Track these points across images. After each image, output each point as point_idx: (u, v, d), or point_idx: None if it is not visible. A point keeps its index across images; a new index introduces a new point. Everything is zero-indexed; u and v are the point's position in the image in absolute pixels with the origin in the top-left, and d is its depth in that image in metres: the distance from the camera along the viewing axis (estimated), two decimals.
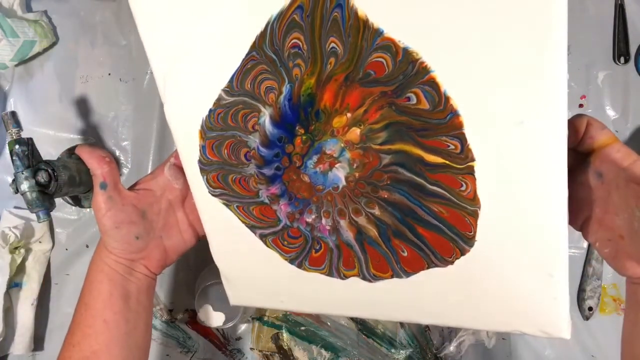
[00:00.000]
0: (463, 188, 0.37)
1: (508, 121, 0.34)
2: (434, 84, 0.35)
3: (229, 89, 0.40)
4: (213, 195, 0.45)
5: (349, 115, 0.38)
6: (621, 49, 0.64)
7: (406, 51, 0.34)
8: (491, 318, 0.41)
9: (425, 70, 0.35)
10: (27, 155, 0.54)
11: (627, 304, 0.37)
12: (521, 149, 0.35)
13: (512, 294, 0.39)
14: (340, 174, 0.41)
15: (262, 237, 0.45)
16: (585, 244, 0.64)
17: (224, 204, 0.45)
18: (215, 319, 0.61)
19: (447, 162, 0.37)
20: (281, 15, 0.36)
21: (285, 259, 0.45)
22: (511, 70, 0.33)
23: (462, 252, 0.39)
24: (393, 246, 0.41)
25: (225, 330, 0.67)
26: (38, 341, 0.67)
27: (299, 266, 0.45)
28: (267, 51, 0.37)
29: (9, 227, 0.64)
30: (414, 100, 0.36)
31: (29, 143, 0.54)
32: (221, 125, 0.42)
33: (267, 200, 0.44)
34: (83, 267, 0.69)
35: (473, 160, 0.36)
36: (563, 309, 0.38)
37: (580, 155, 0.37)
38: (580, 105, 0.65)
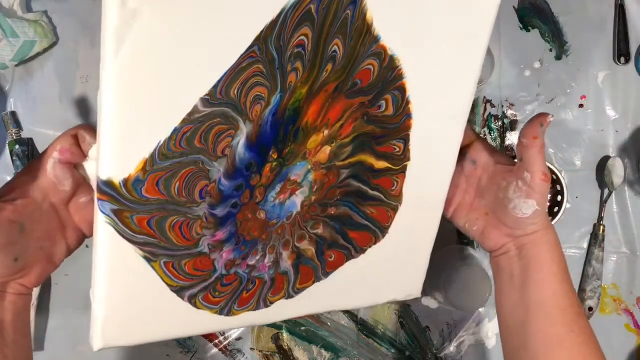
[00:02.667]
0: (394, 187, 0.41)
1: (442, 118, 0.39)
2: (402, 89, 0.37)
3: (209, 97, 0.31)
4: (131, 241, 0.34)
5: (325, 132, 0.37)
6: (621, 49, 0.64)
7: (392, 58, 0.35)
8: (379, 293, 0.45)
9: (399, 76, 0.36)
10: (27, 155, 0.54)
11: (494, 277, 0.42)
12: (438, 145, 0.41)
13: (397, 269, 0.45)
14: (297, 200, 0.38)
15: (191, 299, 0.37)
16: (585, 244, 0.64)
17: (144, 257, 0.35)
18: None
19: (389, 165, 0.40)
20: (298, 2, 0.31)
21: (214, 312, 0.39)
22: (453, 73, 0.38)
23: (376, 241, 0.42)
24: (324, 257, 0.41)
25: (225, 330, 0.67)
26: (38, 341, 0.67)
27: (227, 314, 0.39)
28: (270, 47, 0.31)
29: None
30: (383, 107, 0.37)
31: (29, 143, 0.54)
32: (183, 149, 0.32)
33: (206, 250, 0.36)
34: (83, 267, 0.69)
35: (408, 160, 0.40)
36: (422, 271, 0.45)
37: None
38: (581, 106, 0.65)
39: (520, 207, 0.38)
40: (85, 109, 0.68)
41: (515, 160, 0.40)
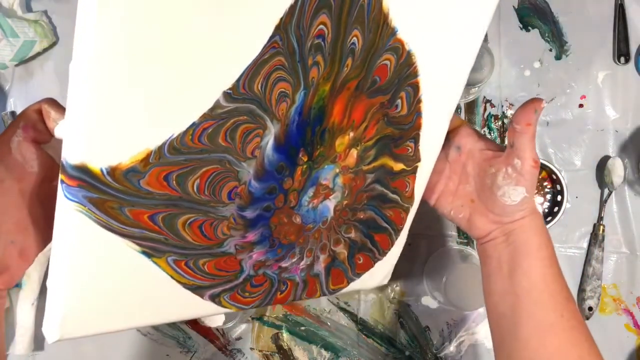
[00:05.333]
0: (407, 188, 0.41)
1: (444, 116, 0.39)
2: (415, 87, 0.37)
3: (232, 91, 0.29)
4: (120, 234, 0.30)
5: (351, 135, 0.36)
6: (621, 49, 0.64)
7: (409, 54, 0.35)
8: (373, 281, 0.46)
9: (414, 74, 0.36)
10: None
11: (482, 264, 0.42)
12: (439, 142, 0.41)
13: (391, 261, 0.45)
14: (330, 205, 0.38)
15: (214, 298, 0.35)
16: (585, 244, 0.64)
17: (143, 252, 0.31)
18: (215, 319, 0.61)
19: (404, 167, 0.40)
20: None
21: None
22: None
23: (392, 244, 0.43)
24: (354, 260, 0.42)
25: (225, 330, 0.67)
26: (38, 341, 0.67)
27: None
28: (291, 37, 0.29)
29: None
30: (399, 107, 0.37)
31: None
32: (204, 145, 0.30)
33: (232, 250, 0.34)
34: None
35: (419, 160, 0.40)
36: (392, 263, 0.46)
37: None
38: (580, 105, 0.65)
39: (510, 194, 0.38)
40: None
41: (502, 145, 0.41)
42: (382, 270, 0.44)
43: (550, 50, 0.65)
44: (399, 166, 0.39)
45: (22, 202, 0.32)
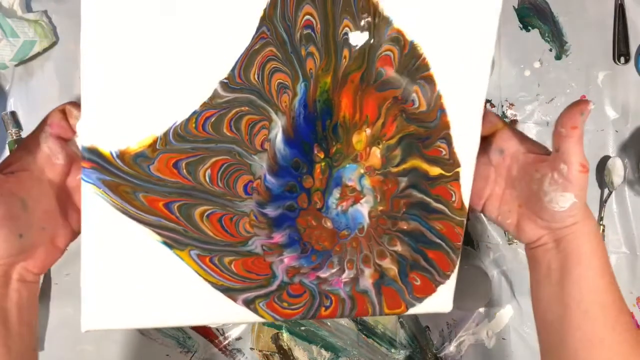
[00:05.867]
0: (453, 198, 0.38)
1: (475, 117, 0.37)
2: (429, 80, 0.35)
3: (229, 81, 0.31)
4: (139, 220, 0.32)
5: (367, 131, 0.35)
6: (621, 49, 0.64)
7: (412, 44, 0.34)
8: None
9: (425, 67, 0.35)
10: None
11: (530, 269, 0.40)
12: (470, 141, 0.38)
13: (452, 285, 0.42)
14: (363, 210, 0.36)
15: (249, 304, 0.35)
16: None
17: (164, 242, 0.33)
18: None
19: (442, 171, 0.37)
20: None
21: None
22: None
23: (454, 265, 0.39)
24: (409, 280, 0.38)
25: (225, 330, 0.67)
26: (38, 341, 0.67)
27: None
28: (278, 27, 0.31)
29: None
30: (417, 104, 0.35)
31: None
32: (208, 134, 0.32)
33: (259, 250, 0.34)
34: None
35: (459, 165, 0.37)
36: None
37: (482, 139, 0.41)
38: None
39: (557, 200, 0.35)
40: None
41: (546, 147, 0.38)
42: (446, 295, 0.40)
43: (550, 50, 0.65)
44: (435, 170, 0.37)
45: (51, 192, 0.35)
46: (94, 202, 0.32)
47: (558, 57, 0.65)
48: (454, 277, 0.40)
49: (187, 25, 0.30)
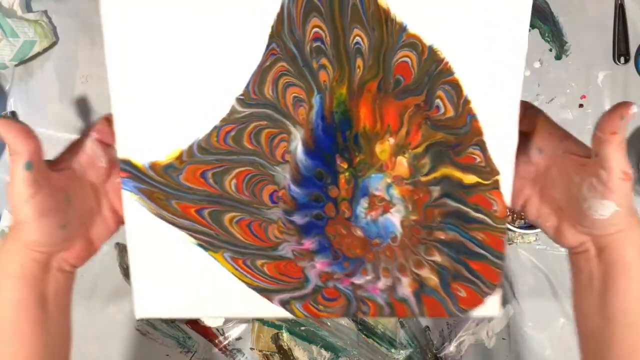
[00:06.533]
0: (495, 207, 0.36)
1: (510, 121, 0.35)
2: (454, 85, 0.34)
3: (245, 97, 0.33)
4: (173, 224, 0.36)
5: (391, 140, 0.35)
6: (621, 49, 0.64)
7: (431, 49, 0.33)
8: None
9: (449, 71, 0.34)
10: None
11: (572, 275, 0.38)
12: (506, 147, 0.36)
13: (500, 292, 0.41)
14: (395, 219, 0.36)
15: (285, 304, 0.37)
16: None
17: (199, 245, 0.36)
18: (215, 318, 0.61)
19: (479, 179, 0.35)
20: None
21: None
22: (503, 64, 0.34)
23: (500, 274, 0.37)
24: (452, 290, 0.37)
25: (225, 330, 0.67)
26: None
27: None
28: (287, 41, 0.32)
29: (9, 226, 0.64)
30: (442, 110, 0.34)
31: None
32: (231, 147, 0.34)
33: (290, 255, 0.36)
34: (83, 268, 0.69)
35: (498, 173, 0.35)
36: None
37: (522, 137, 0.39)
38: (580, 106, 0.65)
39: (597, 208, 0.33)
40: (85, 109, 0.68)
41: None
42: (494, 302, 0.39)
43: (550, 50, 0.65)
44: (470, 178, 0.36)
45: (92, 191, 0.38)
46: (133, 207, 0.36)
47: (558, 57, 0.65)
48: (500, 286, 0.38)
49: (203, 46, 0.32)
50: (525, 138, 0.37)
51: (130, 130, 0.34)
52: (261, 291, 0.36)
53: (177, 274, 0.36)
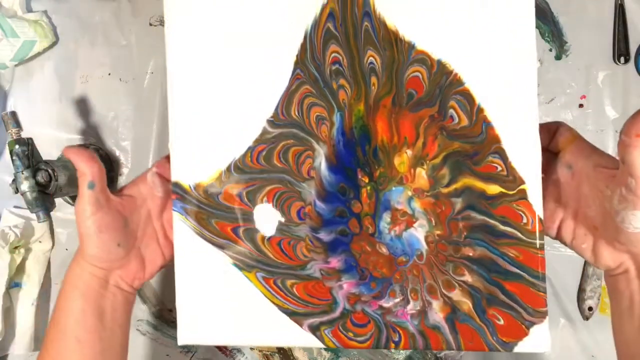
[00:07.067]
0: (524, 220, 0.35)
1: (529, 127, 0.34)
2: (466, 95, 0.35)
3: (274, 119, 0.36)
4: (213, 243, 0.38)
5: (408, 152, 0.35)
6: (621, 49, 0.64)
7: (440, 63, 0.35)
8: None
9: (459, 82, 0.35)
10: (27, 155, 0.54)
11: (610, 297, 0.36)
12: (529, 154, 0.35)
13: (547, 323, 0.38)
14: (419, 235, 0.35)
15: (315, 330, 0.36)
16: None
17: (234, 264, 0.38)
18: None
19: (502, 189, 0.35)
20: (316, 24, 0.36)
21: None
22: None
23: (544, 299, 0.35)
24: (488, 317, 0.35)
25: None
26: (38, 341, 0.67)
27: None
28: (309, 67, 0.36)
29: (9, 226, 0.64)
30: (457, 119, 0.35)
31: (29, 143, 0.54)
32: (262, 166, 0.37)
33: (317, 275, 0.36)
34: None
35: (523, 182, 0.35)
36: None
37: (552, 156, 0.38)
38: (581, 106, 0.65)
39: (630, 220, 0.31)
40: (85, 109, 0.68)
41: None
42: (541, 335, 0.35)
43: (550, 50, 0.65)
44: (493, 188, 0.35)
45: (149, 219, 0.43)
46: (180, 227, 0.38)
47: (558, 57, 0.65)
48: (546, 313, 0.35)
49: (240, 76, 0.37)
50: (554, 156, 0.37)
51: (181, 155, 0.38)
52: (291, 315, 0.37)
53: (215, 296, 0.38)
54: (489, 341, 0.35)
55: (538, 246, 0.35)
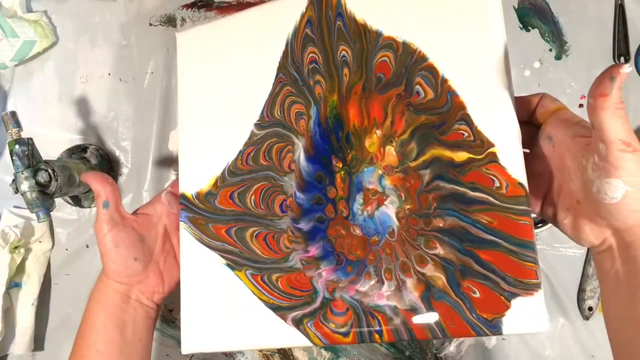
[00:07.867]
0: (497, 184, 0.33)
1: (498, 90, 0.34)
2: (431, 69, 0.35)
3: (260, 121, 0.39)
4: (210, 247, 0.40)
5: (378, 132, 0.36)
6: (621, 49, 0.64)
7: (405, 44, 0.36)
8: None
9: (423, 58, 0.36)
10: (27, 155, 0.54)
11: (598, 278, 0.34)
12: (501, 117, 0.34)
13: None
14: (390, 211, 0.35)
15: (298, 324, 0.36)
16: None
17: (227, 265, 0.39)
18: None
19: (470, 155, 0.33)
20: (296, 31, 0.39)
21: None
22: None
23: (528, 267, 0.32)
24: (463, 291, 0.33)
25: None
26: (38, 341, 0.67)
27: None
28: (290, 69, 0.39)
29: (9, 226, 0.64)
30: (422, 94, 0.35)
31: (29, 143, 0.54)
32: (251, 166, 0.39)
33: (299, 265, 0.37)
34: (83, 267, 0.69)
35: (491, 145, 0.33)
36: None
37: (536, 130, 0.36)
38: (580, 106, 0.65)
39: (605, 190, 0.29)
40: (85, 109, 0.68)
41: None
42: (530, 309, 0.32)
43: (550, 50, 0.65)
44: (461, 155, 0.34)
45: (165, 235, 0.45)
46: (185, 236, 0.41)
47: (558, 57, 0.65)
48: (537, 286, 0.32)
49: (232, 88, 0.41)
50: (537, 129, 0.35)
51: (185, 167, 0.42)
52: (276, 310, 0.37)
53: (212, 301, 0.39)
54: (471, 320, 0.32)
55: (518, 212, 0.32)
